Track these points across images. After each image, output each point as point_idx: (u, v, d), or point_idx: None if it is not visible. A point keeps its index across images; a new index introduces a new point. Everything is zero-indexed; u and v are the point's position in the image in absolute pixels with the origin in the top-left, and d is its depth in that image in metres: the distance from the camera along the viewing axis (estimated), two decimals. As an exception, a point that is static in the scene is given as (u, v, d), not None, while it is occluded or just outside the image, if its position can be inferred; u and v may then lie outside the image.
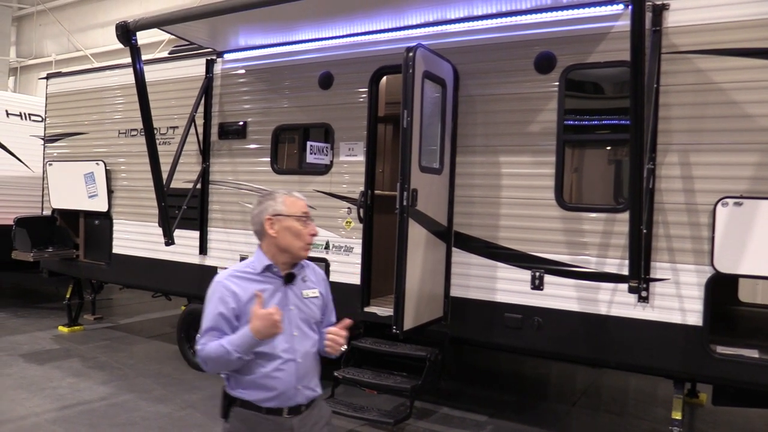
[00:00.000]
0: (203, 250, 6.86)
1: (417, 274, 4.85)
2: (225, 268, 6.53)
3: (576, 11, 4.85)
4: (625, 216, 4.60)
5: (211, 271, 6.77)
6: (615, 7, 4.72)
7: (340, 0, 5.25)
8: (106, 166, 7.75)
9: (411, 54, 4.64)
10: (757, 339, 4.89)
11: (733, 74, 4.34)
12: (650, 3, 4.57)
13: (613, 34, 4.72)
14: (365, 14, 5.52)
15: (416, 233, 4.82)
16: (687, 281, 4.45)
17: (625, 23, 4.67)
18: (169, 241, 6.54)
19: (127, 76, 7.68)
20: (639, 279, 4.26)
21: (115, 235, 7.79)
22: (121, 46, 6.07)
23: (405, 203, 4.65)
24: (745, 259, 4.21)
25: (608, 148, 5.21)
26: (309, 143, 5.92)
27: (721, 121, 4.37)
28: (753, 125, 4.27)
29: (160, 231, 6.79)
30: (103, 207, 7.80)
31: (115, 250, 7.80)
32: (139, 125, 7.40)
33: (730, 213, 4.26)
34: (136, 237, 7.49)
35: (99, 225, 8.03)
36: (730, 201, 4.26)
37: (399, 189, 4.68)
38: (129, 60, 6.21)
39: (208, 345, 2.50)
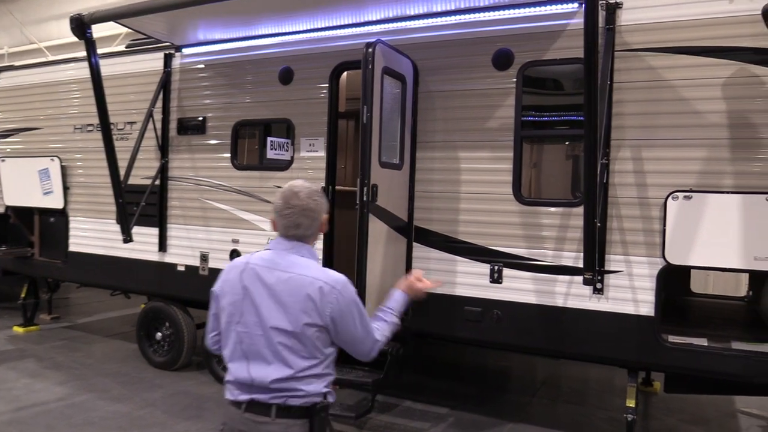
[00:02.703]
0: (162, 247, 6.77)
1: (378, 269, 4.88)
2: (183, 266, 6.41)
3: (532, 9, 4.93)
4: (581, 210, 4.68)
5: (171, 267, 6.71)
6: (570, 5, 4.81)
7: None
8: (61, 162, 7.57)
9: (370, 50, 4.65)
10: (707, 328, 5.06)
11: (683, 72, 4.48)
12: (604, 2, 4.67)
13: (568, 31, 4.82)
14: (326, 9, 5.51)
15: (377, 229, 4.85)
16: (640, 273, 4.58)
17: (579, 21, 4.75)
18: (128, 238, 6.45)
19: (83, 70, 7.50)
20: (593, 271, 4.36)
21: (71, 232, 7.63)
22: (77, 38, 5.94)
23: (365, 199, 4.67)
24: (695, 251, 4.36)
25: (565, 143, 5.32)
26: (269, 139, 5.90)
27: (672, 117, 4.50)
28: (702, 121, 4.41)
29: (118, 228, 6.68)
30: (58, 204, 7.62)
31: (71, 248, 7.63)
32: (96, 120, 7.23)
33: (680, 206, 4.40)
34: (94, 234, 7.35)
35: (54, 222, 7.85)
36: (680, 195, 4.40)
37: (359, 184, 4.70)
38: (85, 53, 6.08)
39: (380, 330, 2.65)
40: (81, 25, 5.72)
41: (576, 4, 4.78)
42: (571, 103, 4.95)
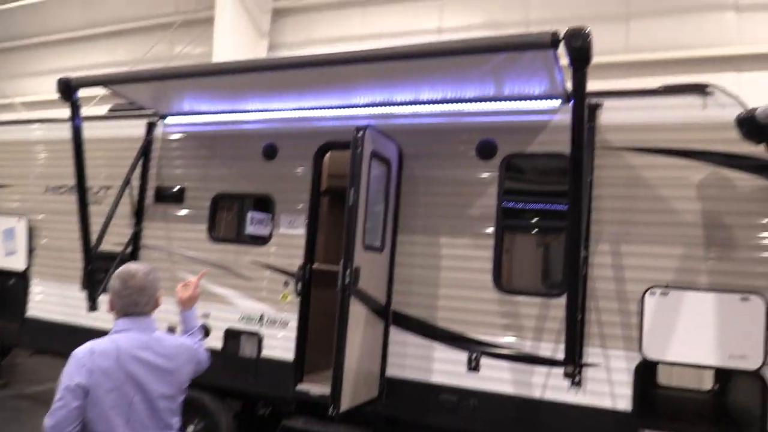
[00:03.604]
0: (128, 317, 6.54)
1: (355, 353, 4.79)
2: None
3: (517, 103, 5.11)
4: (560, 301, 4.75)
5: (136, 339, 6.46)
6: (553, 102, 5.01)
7: (290, 77, 5.33)
8: (28, 223, 7.37)
9: (360, 133, 4.73)
10: (680, 422, 5.06)
11: (659, 171, 4.66)
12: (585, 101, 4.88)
13: (551, 127, 5.00)
14: (314, 91, 5.63)
15: (356, 312, 4.79)
16: (617, 366, 4.59)
17: (562, 117, 4.96)
18: (94, 306, 6.22)
19: (59, 131, 7.48)
20: (575, 365, 4.36)
21: (30, 296, 7.33)
22: (51, 96, 5.93)
23: (347, 281, 4.63)
24: (672, 347, 4.41)
25: (546, 234, 5.40)
26: (250, 213, 5.86)
27: (649, 214, 4.64)
28: (678, 219, 4.56)
29: (82, 295, 6.46)
30: (20, 266, 7.36)
31: (29, 313, 7.32)
32: (70, 182, 7.13)
33: (657, 302, 4.47)
34: (56, 300, 7.08)
35: (13, 285, 7.54)
36: (658, 290, 4.48)
37: (342, 267, 4.67)
38: (62, 114, 6.05)
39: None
40: (68, 89, 5.70)
41: (559, 102, 4.98)
42: (552, 196, 5.07)
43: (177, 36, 11.82)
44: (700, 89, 4.64)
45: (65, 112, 6.00)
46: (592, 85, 4.57)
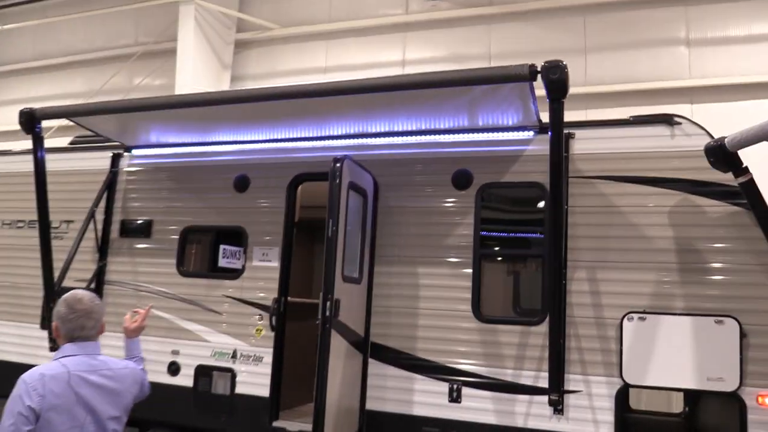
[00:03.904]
0: (92, 356, 6.27)
1: (336, 387, 4.69)
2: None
3: (491, 134, 5.19)
4: (540, 329, 4.78)
5: (100, 380, 6.19)
6: (526, 133, 5.10)
7: (262, 108, 5.28)
8: (-18, 260, 7.04)
9: (338, 165, 4.71)
10: None
11: (631, 199, 4.78)
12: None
13: (525, 156, 5.08)
14: (287, 122, 5.60)
15: (337, 345, 4.71)
16: (598, 393, 4.63)
17: (535, 148, 5.06)
18: (54, 345, 5.92)
19: (15, 164, 7.23)
20: (559, 392, 4.36)
21: (-17, 336, 6.97)
22: (3, 128, 5.72)
23: (327, 314, 4.55)
24: (651, 371, 4.48)
25: (523, 263, 5.45)
26: (222, 246, 5.74)
27: (624, 241, 4.74)
28: (651, 246, 4.67)
29: (41, 334, 6.18)
30: (-25, 304, 7.00)
31: (-18, 354, 6.94)
32: (27, 216, 6.91)
33: (635, 327, 4.54)
34: (11, 340, 6.73)
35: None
36: (635, 315, 4.55)
37: (322, 299, 4.59)
38: (16, 146, 5.84)
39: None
40: (31, 120, 5.52)
41: (532, 133, 5.08)
42: (528, 224, 5.13)
43: (136, 67, 11.63)
44: (668, 119, 4.80)
45: (20, 144, 5.81)
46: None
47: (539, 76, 3.98)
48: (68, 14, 11.95)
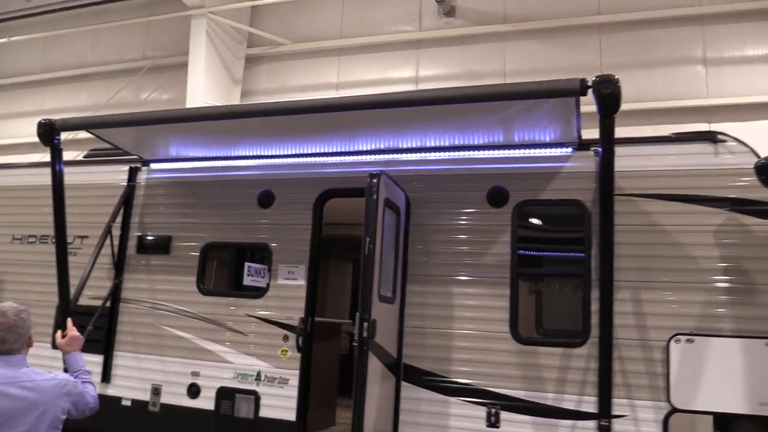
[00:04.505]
0: (106, 377, 6.03)
1: (372, 412, 4.50)
2: (129, 400, 5.75)
3: (527, 151, 5.07)
4: (582, 351, 4.63)
5: (114, 402, 5.97)
6: (564, 149, 4.98)
7: (289, 121, 5.14)
8: (-8, 277, 6.82)
9: (375, 180, 4.56)
10: None
11: (676, 218, 4.65)
12: (596, 148, 4.88)
13: (563, 174, 4.95)
14: (314, 136, 5.46)
15: (372, 367, 4.51)
16: (645, 418, 4.46)
17: (573, 165, 4.94)
18: (69, 367, 5.70)
19: (28, 177, 7.05)
20: (610, 417, 4.19)
21: (-9, 356, 6.70)
22: (11, 141, 5.55)
23: (365, 335, 4.37)
24: (700, 395, 4.32)
25: (562, 282, 5.30)
26: (247, 264, 5.55)
27: (668, 260, 4.60)
28: (697, 266, 4.53)
29: (51, 354, 5.96)
30: (-18, 323, 6.74)
31: (-11, 375, 6.68)
32: (39, 231, 6.73)
33: (682, 349, 4.39)
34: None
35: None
36: (683, 338, 4.41)
37: (359, 319, 4.41)
38: (26, 159, 5.67)
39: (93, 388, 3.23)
40: (50, 131, 5.35)
41: (570, 149, 4.96)
42: (567, 242, 4.99)
43: (143, 82, 11.49)
44: (711, 136, 4.70)
45: (25, 157, 5.64)
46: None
47: (589, 90, 3.87)
48: (77, 27, 11.80)
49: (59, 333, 3.50)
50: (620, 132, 5.56)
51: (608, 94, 3.81)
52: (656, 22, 9.12)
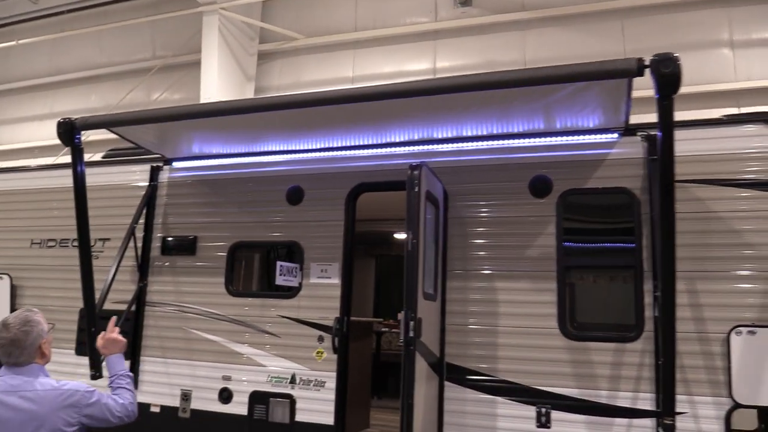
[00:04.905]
0: (133, 383, 5.83)
1: (420, 416, 4.29)
2: (158, 407, 5.55)
3: (571, 138, 4.85)
4: (635, 346, 4.43)
5: (142, 408, 5.73)
6: (610, 135, 4.76)
7: (318, 113, 4.92)
8: (11, 281, 6.62)
9: (416, 172, 4.34)
10: None
11: (730, 203, 4.43)
12: (644, 133, 4.67)
13: (609, 161, 4.74)
14: (345, 129, 5.26)
15: (419, 368, 4.31)
16: (705, 414, 4.25)
17: (620, 151, 4.73)
18: (97, 373, 5.50)
19: (47, 179, 6.86)
20: (674, 415, 3.98)
21: (12, 365, 6.52)
22: (22, 145, 5.34)
23: (411, 334, 4.16)
24: (765, 389, 4.10)
25: (612, 274, 5.07)
26: (279, 263, 5.34)
27: (724, 249, 4.38)
28: (755, 253, 4.31)
29: (76, 360, 5.84)
30: (2, 331, 6.55)
31: (11, 384, 6.49)
32: (59, 235, 6.55)
33: (744, 342, 4.18)
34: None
35: (-7, 352, 6.72)
36: (744, 329, 4.19)
37: (404, 318, 4.20)
38: (43, 161, 5.47)
39: (127, 395, 3.12)
40: (70, 130, 5.14)
41: (616, 135, 4.74)
42: (615, 232, 4.78)
43: (154, 82, 11.29)
44: (765, 118, 4.47)
45: (35, 161, 5.43)
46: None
47: (647, 71, 3.65)
48: (84, 28, 11.60)
49: (101, 334, 3.36)
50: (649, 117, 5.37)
51: (668, 74, 3.61)
52: (680, 6, 8.87)
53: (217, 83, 9.74)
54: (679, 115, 4.74)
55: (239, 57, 10.27)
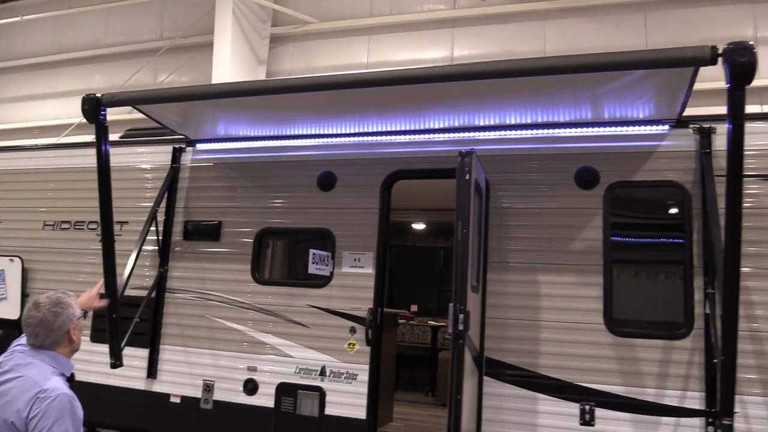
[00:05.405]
0: (152, 372, 5.65)
1: (467, 407, 4.15)
2: (179, 397, 5.37)
3: (620, 128, 4.71)
4: (684, 343, 4.31)
5: (162, 399, 5.60)
6: (661, 127, 4.63)
7: (352, 96, 4.73)
8: (23, 264, 6.38)
9: (467, 159, 4.17)
10: None
11: (784, 200, 4.32)
12: (696, 125, 4.54)
13: (659, 153, 4.61)
14: (380, 113, 5.08)
15: (466, 362, 4.17)
16: (757, 414, 4.15)
17: (671, 143, 4.61)
18: (117, 362, 5.30)
19: (60, 159, 6.62)
20: (732, 416, 3.86)
21: (22, 350, 6.29)
22: (29, 124, 5.09)
23: (461, 328, 4.00)
24: (819, 392, 4.01)
25: (660, 270, 4.94)
26: (312, 251, 5.16)
27: (779, 246, 4.27)
28: (811, 252, 4.21)
29: (91, 348, 5.58)
30: (13, 314, 6.31)
31: (21, 370, 6.27)
32: (74, 217, 6.34)
33: (800, 342, 4.07)
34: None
35: (3, 337, 6.48)
36: (799, 329, 4.09)
37: (452, 311, 4.04)
38: (55, 140, 5.24)
39: None
40: (96, 107, 4.89)
41: (667, 127, 4.61)
42: (665, 228, 4.65)
43: (161, 63, 11.00)
44: (827, 113, 4.36)
45: (37, 141, 5.17)
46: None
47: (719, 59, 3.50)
48: (91, 5, 11.28)
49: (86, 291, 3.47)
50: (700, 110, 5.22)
51: (743, 63, 3.44)
52: (704, 0, 8.76)
53: (230, 65, 9.49)
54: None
55: (252, 40, 10.02)
